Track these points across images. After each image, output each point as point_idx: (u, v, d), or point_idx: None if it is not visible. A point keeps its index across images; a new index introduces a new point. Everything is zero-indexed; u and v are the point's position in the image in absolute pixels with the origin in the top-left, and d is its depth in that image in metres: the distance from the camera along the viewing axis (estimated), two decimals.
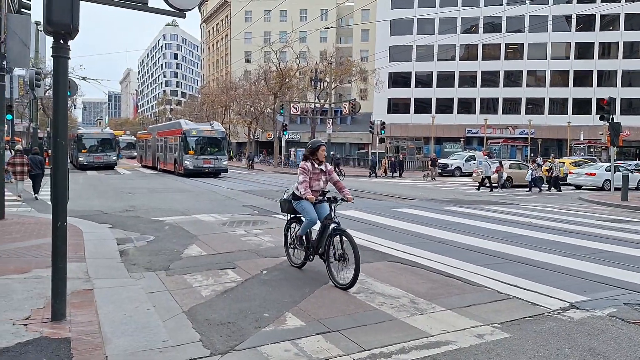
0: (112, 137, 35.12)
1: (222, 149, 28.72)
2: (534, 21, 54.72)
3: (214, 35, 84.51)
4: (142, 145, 40.92)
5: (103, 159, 33.22)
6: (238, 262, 6.82)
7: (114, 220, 10.57)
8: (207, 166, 27.42)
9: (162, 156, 32.10)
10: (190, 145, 27.19)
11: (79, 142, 32.96)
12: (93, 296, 4.88)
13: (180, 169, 27.30)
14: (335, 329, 4.38)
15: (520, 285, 5.98)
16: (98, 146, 33.57)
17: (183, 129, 27.62)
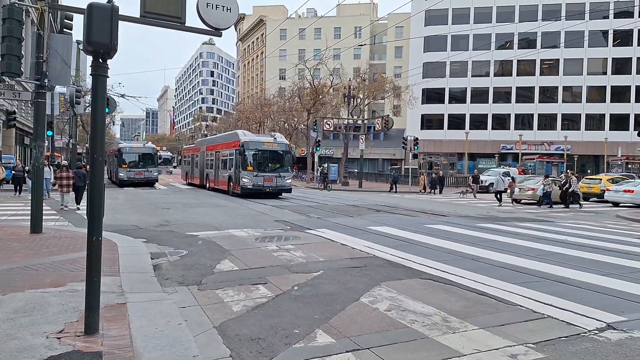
0: (154, 152, 32.53)
1: (285, 165, 24.03)
2: (570, 37, 53.57)
3: (249, 53, 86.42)
4: (187, 161, 36.52)
5: (144, 174, 30.85)
6: (269, 278, 6.86)
7: (148, 234, 10.81)
8: (269, 185, 23.10)
9: (212, 173, 28.32)
10: (249, 160, 22.85)
11: (119, 156, 30.67)
12: (126, 310, 4.97)
13: (236, 188, 23.23)
14: (366, 347, 4.34)
15: (555, 304, 5.81)
16: (139, 161, 31.28)
17: (241, 141, 23.06)
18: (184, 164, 38.55)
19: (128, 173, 30.45)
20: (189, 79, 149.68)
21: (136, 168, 30.85)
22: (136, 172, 30.72)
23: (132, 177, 30.49)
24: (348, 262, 8.10)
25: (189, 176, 34.99)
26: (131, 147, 32.47)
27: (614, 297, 6.22)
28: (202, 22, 6.99)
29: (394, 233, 11.80)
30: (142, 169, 30.98)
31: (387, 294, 6.13)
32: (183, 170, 38.47)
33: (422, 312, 5.41)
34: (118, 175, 30.65)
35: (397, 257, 8.69)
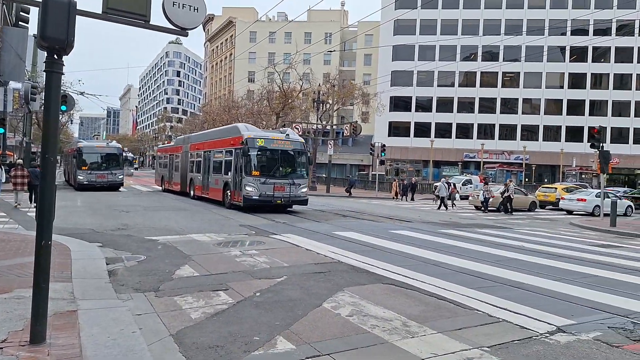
0: (120, 153, 29.38)
1: (299, 168, 18.51)
2: (530, 51, 55.67)
3: (217, 54, 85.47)
4: (163, 163, 31.23)
5: (107, 177, 27.53)
6: (231, 284, 6.74)
7: (104, 238, 10.42)
8: (280, 195, 17.53)
9: (199, 178, 22.86)
10: (254, 163, 17.44)
11: (79, 157, 27.24)
12: (77, 318, 4.75)
13: (237, 199, 17.77)
14: (327, 353, 4.33)
15: (510, 308, 5.99)
16: (102, 163, 28.03)
17: (244, 137, 17.65)
18: (158, 167, 32.94)
19: (89, 176, 27.03)
20: (153, 78, 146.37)
21: (98, 170, 27.55)
22: (98, 174, 27.38)
23: (93, 180, 27.06)
24: (312, 268, 8.07)
25: (166, 181, 29.74)
26: (93, 146, 29.14)
27: (565, 302, 6.46)
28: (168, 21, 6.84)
29: (359, 238, 11.86)
30: (105, 172, 27.72)
31: (349, 299, 6.14)
32: (158, 174, 32.51)
33: (383, 317, 5.44)
34: (77, 177, 27.13)
35: (361, 262, 8.72)
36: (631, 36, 55.10)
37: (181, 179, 26.17)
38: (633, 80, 56.98)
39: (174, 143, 29.42)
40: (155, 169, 34.96)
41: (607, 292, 7.06)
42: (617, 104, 57.26)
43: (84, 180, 26.84)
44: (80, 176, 26.91)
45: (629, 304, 6.47)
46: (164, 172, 30.81)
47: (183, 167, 26.12)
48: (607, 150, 19.94)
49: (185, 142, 26.98)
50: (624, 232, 16.37)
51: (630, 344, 4.87)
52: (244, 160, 17.44)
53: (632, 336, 5.13)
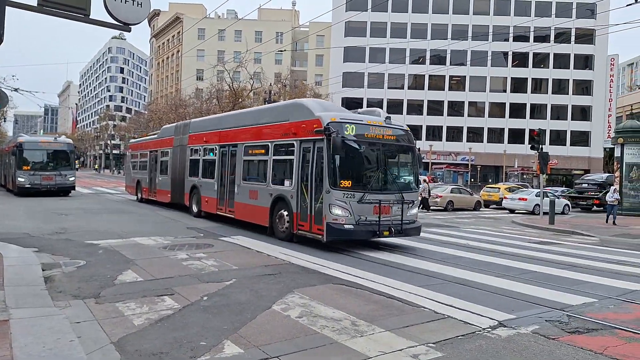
0: (70, 150, 24.49)
1: (407, 175, 11.66)
2: (475, 56, 58.03)
3: (164, 51, 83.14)
4: (141, 164, 23.00)
5: (55, 179, 22.99)
6: (177, 288, 6.54)
7: (41, 243, 9.84)
8: (387, 220, 10.42)
9: (213, 188, 14.93)
10: (342, 166, 10.13)
11: (19, 155, 22.66)
12: (9, 328, 4.45)
13: (312, 228, 10.51)
14: (275, 355, 4.29)
15: (455, 305, 6.19)
16: (48, 162, 23.46)
17: (323, 120, 10.29)
18: (132, 168, 24.51)
19: (32, 177, 22.48)
20: (95, 74, 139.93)
21: (44, 171, 22.96)
22: (44, 176, 22.74)
23: (37, 183, 22.52)
24: (262, 270, 7.99)
25: (144, 187, 21.73)
26: (36, 141, 24.47)
27: (506, 297, 6.76)
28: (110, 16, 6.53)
29: (310, 241, 11.84)
30: (52, 172, 23.10)
31: (299, 301, 6.12)
32: (131, 178, 24.49)
33: (333, 317, 5.47)
34: (17, 180, 22.50)
35: (311, 263, 8.73)
36: (568, 43, 58.57)
37: (173, 185, 18.25)
38: (570, 85, 60.68)
39: (158, 134, 21.49)
40: (126, 170, 26.54)
41: (545, 287, 7.43)
42: (556, 108, 60.81)
43: (25, 183, 22.40)
44: (20, 178, 22.40)
45: (565, 297, 6.83)
46: (140, 175, 22.60)
47: (176, 168, 18.11)
48: (546, 152, 20.83)
49: (179, 133, 18.47)
50: (562, 229, 17.26)
51: (566, 336, 5.16)
52: (325, 160, 9.89)
53: (567, 328, 5.42)
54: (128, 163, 25.52)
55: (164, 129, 21.39)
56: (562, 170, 57.79)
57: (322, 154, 10.05)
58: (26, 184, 22.40)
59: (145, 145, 22.90)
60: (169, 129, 20.50)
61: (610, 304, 6.65)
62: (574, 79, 60.52)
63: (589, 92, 60.97)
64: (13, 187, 23.58)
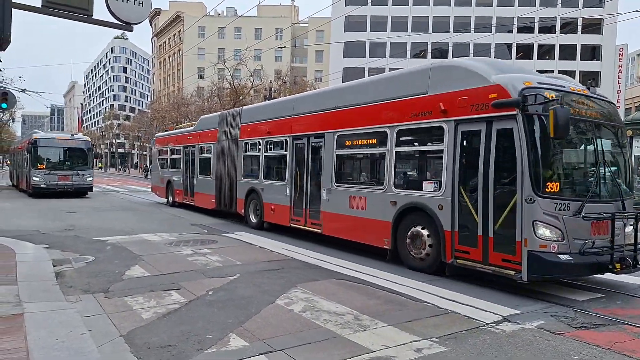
0: (88, 148, 22.97)
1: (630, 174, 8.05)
2: (478, 48, 57.73)
3: (165, 50, 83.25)
4: (171, 162, 19.43)
5: (72, 179, 21.64)
6: (183, 283, 6.67)
7: (51, 240, 10.04)
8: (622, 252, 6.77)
9: (285, 193, 11.73)
10: (542, 160, 6.45)
11: (34, 152, 21.34)
12: (23, 321, 4.61)
13: (503, 262, 6.66)
14: (279, 349, 4.38)
15: (458, 300, 6.22)
16: (64, 160, 22.14)
17: (507, 87, 6.66)
18: (159, 167, 20.80)
19: (47, 177, 21.14)
20: (99, 74, 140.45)
21: (60, 170, 21.65)
22: (60, 175, 21.43)
23: (53, 183, 21.18)
24: (265, 265, 8.11)
25: (178, 190, 18.13)
26: (52, 138, 22.78)
27: (510, 292, 6.75)
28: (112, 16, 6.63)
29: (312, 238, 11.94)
30: (69, 172, 21.78)
31: (302, 295, 6.23)
32: (159, 178, 20.56)
33: (336, 312, 5.56)
34: (31, 179, 21.22)
35: (314, 258, 8.84)
36: (574, 34, 58.17)
37: (220, 189, 14.87)
38: (577, 77, 60.23)
39: (195, 126, 17.50)
40: (153, 169, 22.79)
41: (549, 282, 7.29)
42: None
43: (40, 183, 21.03)
44: (35, 177, 21.06)
45: (571, 293, 6.80)
46: (172, 175, 19.00)
47: (223, 168, 14.68)
48: None
49: (225, 124, 14.85)
50: None
51: (572, 331, 5.12)
52: (522, 150, 6.45)
53: (573, 324, 5.39)
54: (155, 161, 21.51)
55: (202, 120, 17.21)
56: None
57: (510, 141, 6.56)
58: (41, 184, 21.03)
59: (178, 139, 18.72)
60: (209, 119, 16.57)
61: (618, 299, 6.60)
62: (581, 71, 59.93)
63: (597, 84, 60.40)
64: (27, 187, 22.41)
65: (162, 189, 19.96)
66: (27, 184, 22.10)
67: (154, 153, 22.53)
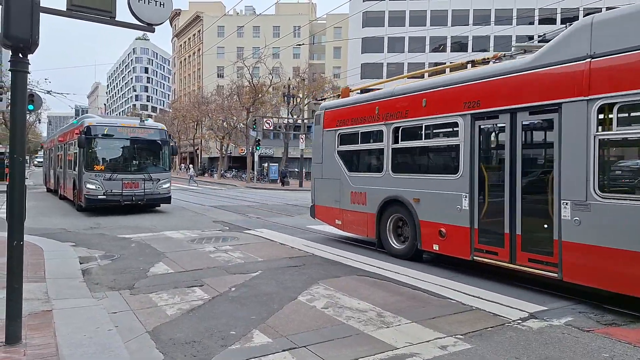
0: (164, 139, 16.21)
1: None
2: (499, 41, 56.73)
3: (185, 50, 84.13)
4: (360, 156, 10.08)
5: (143, 186, 15.34)
6: (206, 280, 6.75)
7: (77, 238, 10.28)
8: None
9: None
10: None
11: (87, 145, 14.85)
12: (52, 318, 4.72)
13: None
14: (302, 345, 4.39)
15: (483, 296, 6.13)
16: (133, 158, 15.81)
17: None
18: (342, 165, 10.19)
19: (108, 183, 14.73)
20: (121, 75, 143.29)
21: (126, 172, 15.21)
22: (126, 181, 15.05)
23: (116, 192, 14.81)
24: (287, 262, 8.13)
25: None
26: (114, 125, 15.58)
27: (536, 288, 6.61)
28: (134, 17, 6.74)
29: (333, 231, 11.95)
30: (138, 175, 15.32)
31: (324, 292, 6.22)
32: (345, 186, 9.99)
33: (358, 309, 5.54)
34: (84, 186, 14.63)
35: (335, 255, 8.83)
36: None
37: None
38: None
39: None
40: (316, 172, 11.32)
41: None
42: None
43: (97, 193, 14.54)
44: (90, 184, 14.53)
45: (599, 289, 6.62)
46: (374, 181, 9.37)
47: None
48: None
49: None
50: None
51: (601, 328, 5.00)
52: None
53: (603, 320, 5.26)
54: (332, 152, 10.59)
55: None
56: None
57: None
58: (98, 194, 14.51)
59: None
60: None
61: None
62: None
63: None
64: (75, 196, 15.99)
65: (353, 217, 9.87)
66: (76, 192, 15.84)
67: (322, 139, 11.04)
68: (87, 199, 14.61)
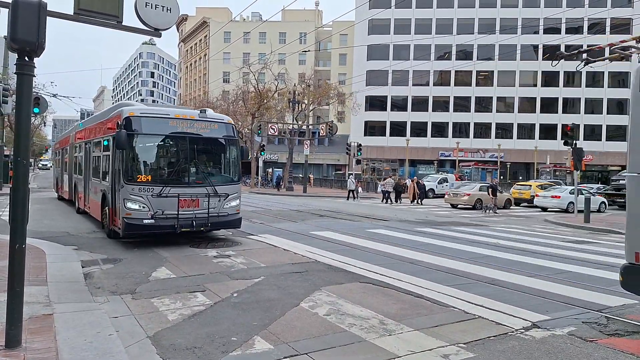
0: (232, 136, 11.24)
1: None
2: (504, 50, 56.77)
3: (191, 55, 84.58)
4: None
5: (207, 205, 10.24)
6: (208, 285, 6.73)
7: (80, 241, 10.27)
8: None
9: None
10: None
11: (129, 144, 9.68)
12: (53, 321, 4.71)
13: None
14: (304, 352, 4.37)
15: (486, 305, 6.09)
16: (190, 163, 10.50)
17: None
18: None
19: (158, 202, 9.76)
20: (127, 79, 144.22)
21: (180, 184, 10.22)
22: (183, 197, 10.04)
23: (169, 214, 9.85)
24: (289, 268, 8.10)
25: None
26: (165, 116, 10.44)
27: (540, 297, 6.59)
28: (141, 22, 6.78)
29: (336, 238, 11.93)
30: (197, 187, 10.37)
31: (327, 299, 6.19)
32: None
33: (361, 316, 5.50)
34: (124, 206, 9.63)
35: (338, 261, 8.79)
36: (603, 34, 56.73)
37: None
38: (605, 77, 58.66)
39: None
40: None
41: (581, 288, 7.21)
42: (590, 102, 58.88)
43: (144, 214, 9.68)
44: (133, 201, 9.65)
45: (603, 299, 6.60)
46: None
47: None
48: (580, 148, 20.17)
49: None
50: (598, 228, 16.71)
51: (604, 338, 4.97)
52: None
53: (606, 330, 5.24)
54: None
55: None
56: (598, 166, 55.90)
57: None
58: (145, 217, 9.64)
59: None
60: None
61: None
62: (609, 71, 58.41)
63: (626, 84, 58.72)
64: (107, 218, 10.85)
65: None
66: (107, 211, 10.93)
67: None
68: (127, 225, 9.49)
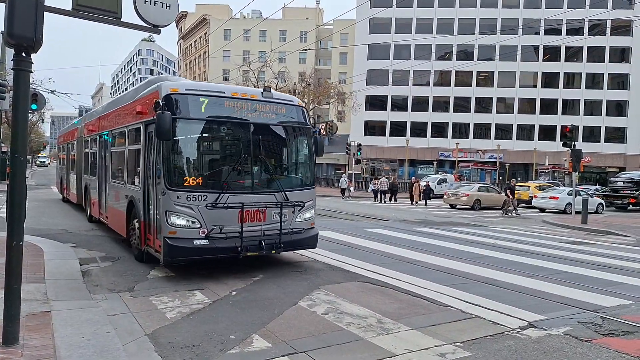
0: (305, 123, 8.15)
1: None
2: (504, 50, 56.78)
3: (191, 52, 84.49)
4: None
5: (279, 217, 7.40)
6: (207, 283, 6.72)
7: (78, 239, 10.24)
8: None
9: None
10: None
11: (173, 135, 6.57)
12: (50, 319, 4.70)
13: None
14: (302, 350, 4.37)
15: (483, 304, 6.12)
16: (253, 159, 7.40)
17: None
18: None
19: (212, 214, 6.80)
20: (126, 76, 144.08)
21: (241, 190, 7.21)
22: (248, 206, 7.06)
23: (230, 232, 6.90)
24: (288, 267, 8.11)
25: None
26: (219, 94, 7.27)
27: (536, 297, 6.63)
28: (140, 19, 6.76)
29: (335, 237, 11.94)
30: (263, 192, 7.41)
31: (325, 298, 6.20)
32: None
33: (359, 315, 5.51)
34: (166, 221, 6.64)
35: (337, 260, 8.80)
36: (603, 36, 56.74)
37: None
38: (605, 79, 58.65)
39: None
40: None
41: (577, 288, 7.24)
42: (589, 103, 58.90)
43: (194, 232, 6.73)
44: (179, 216, 6.67)
45: (599, 299, 6.64)
46: None
47: None
48: (579, 149, 20.24)
49: None
50: (595, 229, 16.75)
51: (599, 338, 5.00)
52: None
53: (601, 330, 5.27)
54: None
55: None
56: (596, 168, 56.03)
57: None
58: (196, 235, 6.77)
59: None
60: None
61: None
62: (609, 73, 58.41)
63: (625, 86, 58.82)
64: (138, 236, 7.95)
65: None
66: (138, 226, 7.91)
67: None
68: (171, 248, 6.69)
